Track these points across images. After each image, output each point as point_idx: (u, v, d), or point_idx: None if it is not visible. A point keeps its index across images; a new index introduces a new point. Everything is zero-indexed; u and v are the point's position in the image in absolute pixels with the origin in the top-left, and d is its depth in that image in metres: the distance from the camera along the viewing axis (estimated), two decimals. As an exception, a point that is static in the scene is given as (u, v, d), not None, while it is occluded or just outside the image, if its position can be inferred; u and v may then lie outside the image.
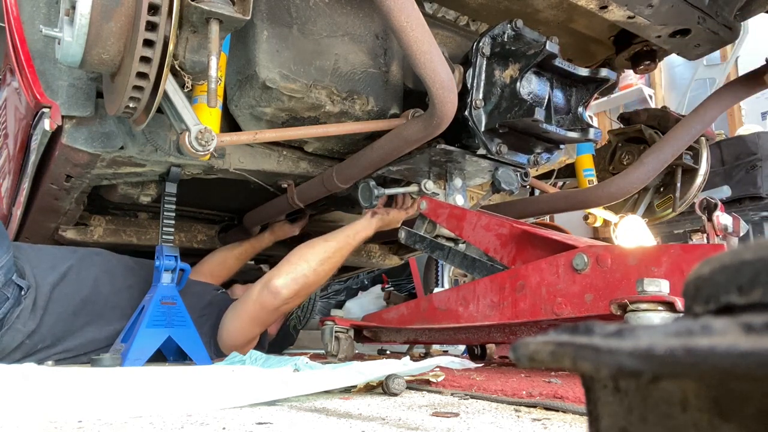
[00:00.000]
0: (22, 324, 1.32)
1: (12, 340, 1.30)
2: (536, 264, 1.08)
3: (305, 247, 1.55)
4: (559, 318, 1.03)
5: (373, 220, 1.62)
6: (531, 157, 1.45)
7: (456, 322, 1.24)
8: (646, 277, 0.88)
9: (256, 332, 1.55)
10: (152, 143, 1.39)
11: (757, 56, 1.78)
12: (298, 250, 1.54)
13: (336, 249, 1.55)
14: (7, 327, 1.30)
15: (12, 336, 1.30)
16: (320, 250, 1.53)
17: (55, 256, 1.45)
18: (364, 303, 3.39)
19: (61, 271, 1.42)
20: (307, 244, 1.55)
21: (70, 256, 1.48)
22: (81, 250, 1.54)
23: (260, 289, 1.49)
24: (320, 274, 1.52)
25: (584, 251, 1.01)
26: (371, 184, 1.51)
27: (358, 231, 1.60)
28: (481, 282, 1.19)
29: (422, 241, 1.45)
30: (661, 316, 0.83)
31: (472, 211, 1.34)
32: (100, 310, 1.44)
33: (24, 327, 1.32)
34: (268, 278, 1.49)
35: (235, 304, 1.56)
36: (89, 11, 0.95)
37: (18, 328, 1.31)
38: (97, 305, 1.44)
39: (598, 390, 0.25)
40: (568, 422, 0.66)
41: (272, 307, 1.49)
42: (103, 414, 0.67)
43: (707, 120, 1.73)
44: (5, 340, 1.29)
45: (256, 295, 1.49)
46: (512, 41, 1.32)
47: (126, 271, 1.54)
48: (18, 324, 1.31)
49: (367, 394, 0.91)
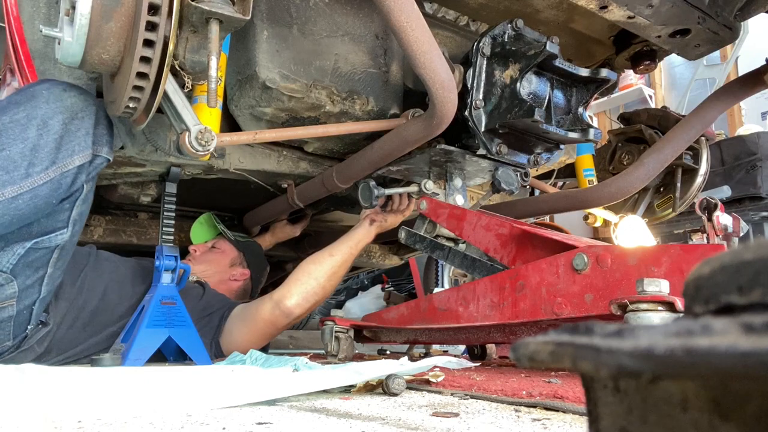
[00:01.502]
0: (38, 345, 1.30)
1: (25, 357, 1.28)
2: (536, 264, 1.08)
3: (312, 263, 1.55)
4: (559, 318, 1.03)
5: (372, 228, 1.63)
6: (531, 157, 1.45)
7: (456, 322, 1.24)
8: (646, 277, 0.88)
9: (264, 344, 1.56)
10: (152, 143, 1.39)
11: (757, 56, 1.78)
12: (305, 267, 1.54)
13: (341, 263, 1.56)
14: (26, 348, 1.28)
15: (25, 355, 1.28)
16: (327, 265, 1.54)
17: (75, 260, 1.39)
18: (364, 303, 3.39)
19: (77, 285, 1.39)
20: (314, 261, 1.56)
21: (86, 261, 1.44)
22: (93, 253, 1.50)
23: (272, 309, 1.48)
24: (327, 289, 1.54)
25: (584, 251, 1.01)
26: (371, 184, 1.51)
27: (359, 241, 1.61)
28: (481, 282, 1.19)
29: (422, 241, 1.45)
30: (661, 316, 0.83)
31: (472, 211, 1.34)
32: (106, 320, 1.42)
33: (39, 347, 1.30)
34: (279, 298, 1.49)
35: (244, 316, 1.54)
36: (89, 11, 0.95)
37: (34, 349, 1.29)
38: (105, 315, 1.42)
39: (598, 390, 0.25)
40: (568, 422, 0.66)
41: (283, 326, 1.51)
42: (102, 414, 0.67)
43: (707, 120, 1.73)
44: (18, 358, 1.28)
45: (267, 315, 1.48)
46: (512, 41, 1.32)
47: (134, 278, 1.52)
48: (36, 346, 1.29)
49: (367, 394, 0.91)
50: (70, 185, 1.15)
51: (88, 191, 1.21)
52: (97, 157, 1.18)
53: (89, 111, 1.16)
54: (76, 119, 1.14)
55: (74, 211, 1.20)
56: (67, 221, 1.19)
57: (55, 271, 1.24)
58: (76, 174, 1.15)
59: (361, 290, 3.69)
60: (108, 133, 1.21)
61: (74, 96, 1.16)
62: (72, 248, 1.26)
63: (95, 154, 1.17)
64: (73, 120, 1.14)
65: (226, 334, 1.54)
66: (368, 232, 1.62)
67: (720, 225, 1.17)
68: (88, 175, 1.19)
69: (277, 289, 1.53)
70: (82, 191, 1.19)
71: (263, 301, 1.52)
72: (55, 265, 1.23)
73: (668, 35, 1.59)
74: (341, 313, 1.52)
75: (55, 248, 1.20)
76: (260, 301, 1.53)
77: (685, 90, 4.37)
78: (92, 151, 1.17)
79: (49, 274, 1.23)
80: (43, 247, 1.18)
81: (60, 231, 1.19)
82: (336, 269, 1.55)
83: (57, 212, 1.17)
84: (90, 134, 1.16)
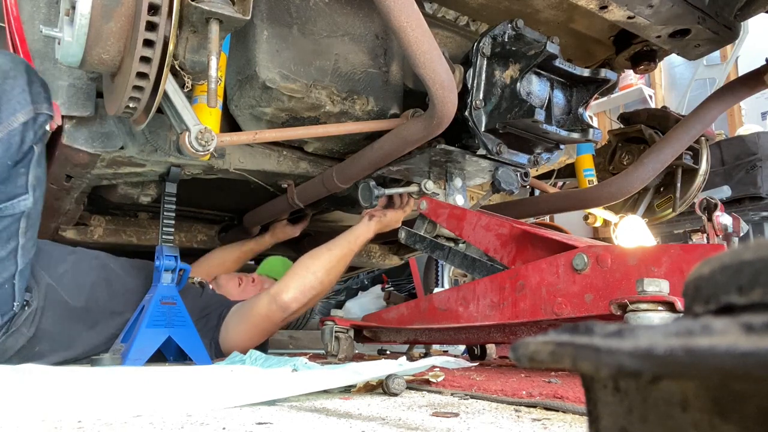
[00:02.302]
0: (26, 327, 1.31)
1: (15, 342, 1.29)
2: (536, 264, 1.08)
3: (310, 258, 1.54)
4: (559, 318, 1.03)
5: (372, 224, 1.62)
6: (531, 157, 1.45)
7: (456, 322, 1.24)
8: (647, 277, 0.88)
9: (261, 341, 1.56)
10: (152, 143, 1.39)
11: (757, 56, 1.78)
12: (304, 262, 1.54)
13: (340, 257, 1.56)
14: (14, 329, 1.29)
15: (16, 339, 1.29)
16: (325, 260, 1.53)
17: (51, 256, 1.43)
18: (364, 303, 3.39)
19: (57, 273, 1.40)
20: (312, 255, 1.55)
21: (65, 258, 1.46)
22: (78, 252, 1.51)
23: (268, 303, 1.48)
24: (326, 285, 1.54)
25: (584, 251, 1.01)
26: (371, 184, 1.51)
27: (358, 236, 1.60)
28: (481, 282, 1.19)
29: (422, 241, 1.45)
30: (661, 316, 0.83)
31: (472, 211, 1.34)
32: (97, 318, 1.42)
33: (27, 331, 1.31)
34: (276, 292, 1.49)
35: (241, 313, 1.54)
36: (89, 11, 0.95)
37: (22, 331, 1.31)
38: (94, 312, 1.42)
39: (597, 390, 0.25)
40: (568, 422, 0.66)
41: (280, 320, 1.50)
42: (102, 414, 0.67)
43: (707, 120, 1.73)
44: (9, 342, 1.28)
45: (264, 310, 1.48)
46: (513, 41, 1.32)
47: (124, 275, 1.52)
48: (23, 327, 1.31)
49: (367, 394, 0.91)
50: (20, 145, 1.18)
51: (39, 153, 1.23)
52: (39, 115, 1.20)
53: (20, 70, 1.18)
54: (9, 78, 1.16)
55: (30, 174, 1.22)
56: (25, 186, 1.22)
57: (27, 242, 1.26)
58: (23, 132, 1.17)
59: (361, 290, 3.69)
60: (44, 91, 1.22)
61: (1, 57, 1.17)
62: (38, 217, 1.28)
63: (37, 111, 1.19)
64: (6, 80, 1.16)
65: (223, 333, 1.53)
66: (368, 228, 1.62)
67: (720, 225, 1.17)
68: (36, 135, 1.20)
69: (275, 284, 1.53)
70: (33, 153, 1.21)
71: (260, 296, 1.52)
72: (25, 235, 1.25)
73: (668, 35, 1.59)
74: (341, 313, 1.52)
75: (21, 216, 1.22)
76: (257, 297, 1.53)
77: (685, 90, 4.37)
78: (33, 108, 1.18)
79: (22, 245, 1.25)
80: (8, 215, 1.20)
81: (21, 197, 1.21)
82: (334, 264, 1.54)
83: (13, 177, 1.20)
84: (26, 92, 1.17)
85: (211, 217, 2.33)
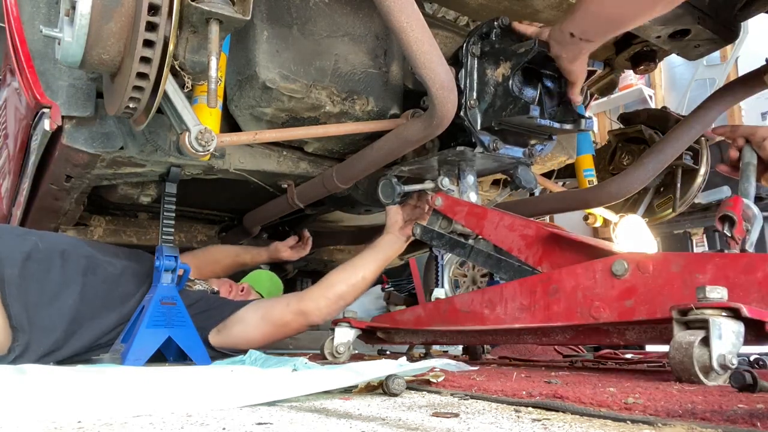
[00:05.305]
0: None
1: None
2: (571, 269, 1.09)
3: (343, 281, 1.54)
4: (597, 321, 1.04)
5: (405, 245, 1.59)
6: (526, 149, 1.44)
7: (481, 324, 1.24)
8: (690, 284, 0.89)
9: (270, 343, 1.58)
10: (152, 143, 1.39)
11: (757, 56, 1.78)
12: (335, 277, 1.54)
13: (369, 282, 1.56)
14: None
15: None
16: (358, 284, 1.54)
17: None
18: (364, 303, 3.39)
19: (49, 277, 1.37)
20: (344, 271, 1.55)
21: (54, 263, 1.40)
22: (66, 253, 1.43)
23: (295, 315, 1.50)
24: (349, 302, 1.55)
25: (624, 257, 1.02)
26: (393, 180, 1.46)
27: (388, 257, 1.58)
28: (509, 285, 1.20)
29: (440, 238, 1.43)
30: (731, 324, 0.82)
31: (493, 210, 1.33)
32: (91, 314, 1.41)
33: None
34: (305, 308, 1.50)
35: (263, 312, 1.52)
36: (89, 11, 0.95)
37: None
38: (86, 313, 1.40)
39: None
40: (568, 422, 0.66)
41: (296, 329, 1.54)
42: (102, 414, 0.67)
43: (707, 120, 1.73)
44: None
45: (288, 317, 1.50)
46: (500, 39, 1.32)
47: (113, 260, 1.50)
48: None
49: (367, 394, 0.91)
50: None
51: None
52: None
53: None
54: None
55: None
56: None
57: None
58: None
59: (361, 290, 3.67)
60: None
61: None
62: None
63: None
64: None
65: (236, 323, 1.52)
66: (401, 249, 1.59)
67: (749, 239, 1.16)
68: None
69: (305, 295, 1.54)
70: None
71: (287, 301, 1.53)
72: None
73: (668, 35, 1.59)
74: (352, 314, 1.51)
75: None
76: (283, 300, 1.55)
77: (685, 90, 4.36)
78: None
79: None
80: None
81: None
82: (363, 287, 1.56)
83: None
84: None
85: (211, 217, 2.33)
